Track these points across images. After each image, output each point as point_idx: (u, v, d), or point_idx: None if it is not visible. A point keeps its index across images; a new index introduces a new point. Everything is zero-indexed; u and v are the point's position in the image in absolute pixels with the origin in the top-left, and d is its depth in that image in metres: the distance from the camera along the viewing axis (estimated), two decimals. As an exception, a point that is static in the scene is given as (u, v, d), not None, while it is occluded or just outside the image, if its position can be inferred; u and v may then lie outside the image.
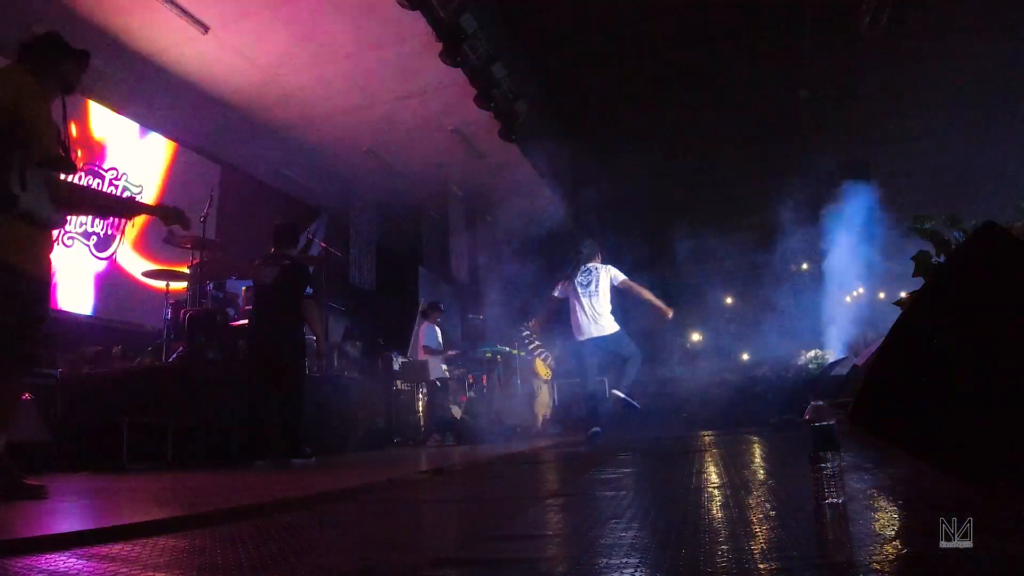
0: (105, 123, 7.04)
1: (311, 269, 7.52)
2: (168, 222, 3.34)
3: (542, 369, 8.52)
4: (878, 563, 1.04)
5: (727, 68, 8.56)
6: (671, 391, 10.20)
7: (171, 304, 5.83)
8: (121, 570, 1.37)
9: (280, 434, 4.83)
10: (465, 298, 11.67)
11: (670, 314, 5.69)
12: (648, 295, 5.67)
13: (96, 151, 6.88)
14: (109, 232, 6.98)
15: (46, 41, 2.81)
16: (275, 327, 4.91)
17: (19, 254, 2.54)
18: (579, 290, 5.70)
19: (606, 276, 5.73)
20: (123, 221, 6.96)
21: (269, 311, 4.94)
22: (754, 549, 1.21)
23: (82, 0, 5.76)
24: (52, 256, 2.81)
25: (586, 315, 5.61)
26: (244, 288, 6.12)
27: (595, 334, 5.58)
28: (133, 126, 7.39)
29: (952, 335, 1.55)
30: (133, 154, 7.34)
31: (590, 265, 5.81)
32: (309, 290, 5.11)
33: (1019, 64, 7.45)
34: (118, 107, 7.23)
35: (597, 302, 5.63)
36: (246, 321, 5.39)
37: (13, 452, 2.85)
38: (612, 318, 5.67)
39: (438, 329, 8.23)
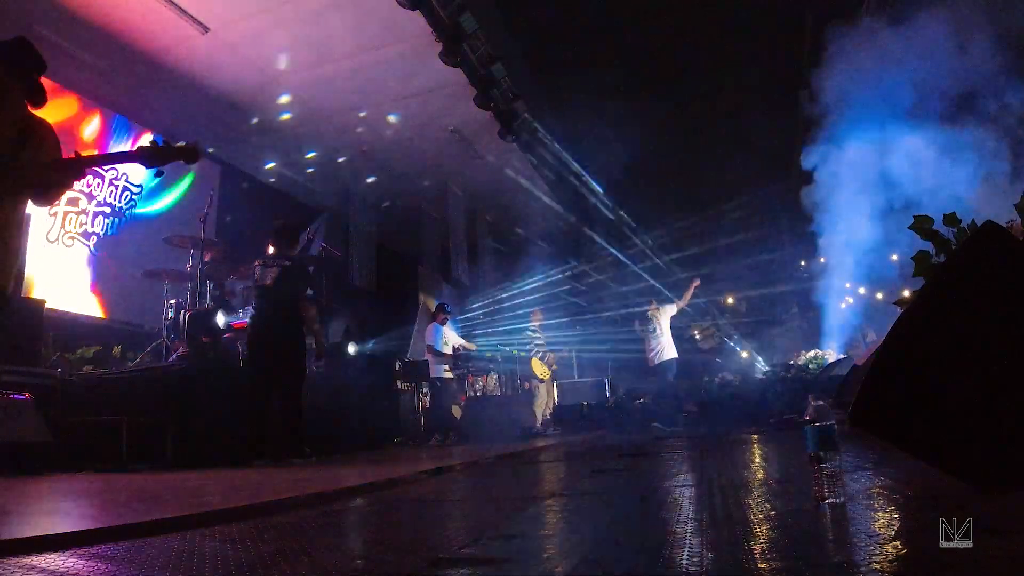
0: (105, 123, 7.05)
1: (311, 269, 7.53)
2: (154, 163, 2.84)
3: (539, 368, 8.53)
4: (878, 563, 1.03)
5: (728, 61, 8.55)
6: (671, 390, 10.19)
7: (171, 304, 5.83)
8: (121, 570, 1.37)
9: (280, 434, 4.83)
10: (465, 298, 11.68)
11: (697, 281, 8.51)
12: (687, 297, 8.51)
13: (96, 152, 6.87)
14: (109, 232, 6.98)
15: None
16: (274, 328, 4.90)
17: None
18: (645, 330, 8.31)
19: (665, 316, 8.22)
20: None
21: (269, 312, 4.93)
22: (754, 549, 1.21)
23: (82, 0, 5.76)
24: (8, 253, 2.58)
25: (652, 349, 8.18)
26: (243, 288, 6.12)
27: (656, 361, 8.12)
28: (133, 126, 7.39)
29: (952, 335, 1.55)
30: (133, 154, 7.34)
31: (649, 314, 8.27)
32: (309, 291, 5.10)
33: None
34: (118, 107, 7.23)
35: (658, 339, 8.11)
36: (246, 321, 5.38)
37: (13, 452, 2.75)
38: (671, 348, 8.12)
39: (444, 330, 8.25)
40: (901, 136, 7.23)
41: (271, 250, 5.21)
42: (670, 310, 8.32)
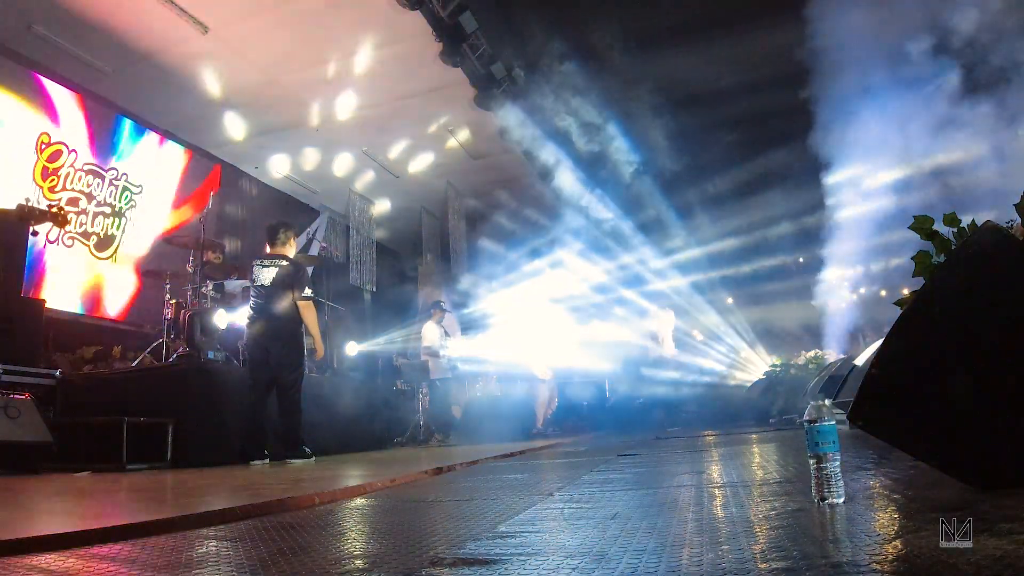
0: (105, 123, 7.04)
1: (310, 269, 7.47)
2: (26, 222, 3.02)
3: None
4: (878, 563, 1.03)
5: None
6: (670, 391, 10.20)
7: (171, 304, 5.83)
8: (121, 570, 1.37)
9: (280, 434, 4.83)
10: (465, 298, 11.68)
11: None
12: None
13: (97, 151, 6.88)
14: (109, 232, 6.98)
15: None
16: (272, 328, 4.89)
17: None
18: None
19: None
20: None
21: (266, 312, 4.92)
22: (754, 549, 1.21)
23: (82, 0, 5.76)
24: None
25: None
26: (243, 288, 6.12)
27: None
28: (133, 126, 7.40)
29: (952, 335, 1.55)
30: (133, 154, 7.34)
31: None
32: (307, 291, 5.08)
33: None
34: (118, 107, 7.23)
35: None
36: (244, 322, 5.38)
37: (13, 452, 2.75)
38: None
39: (441, 329, 8.23)
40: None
41: (268, 250, 5.20)
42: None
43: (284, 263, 5.03)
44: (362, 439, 6.49)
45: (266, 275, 4.96)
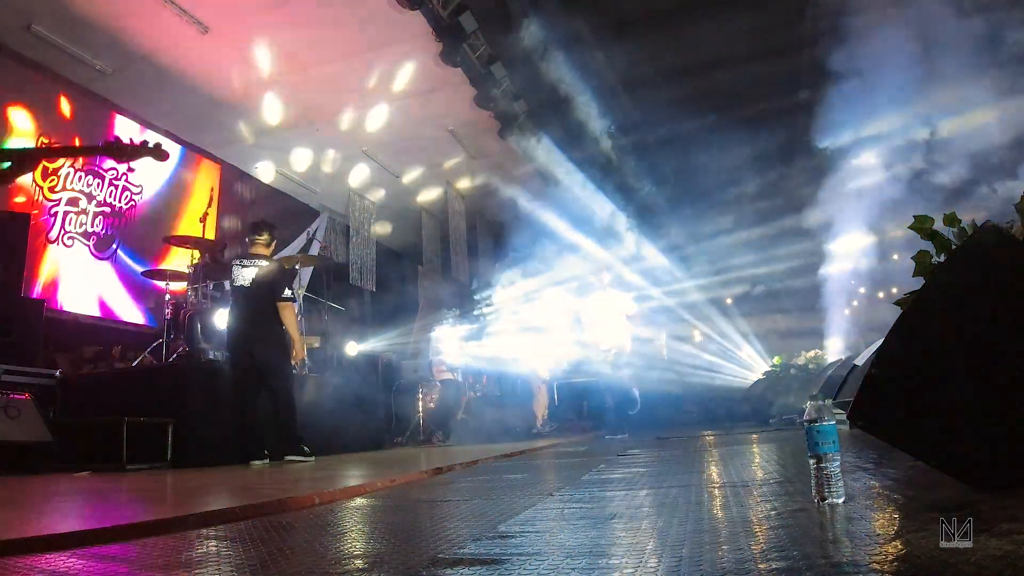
0: (105, 123, 7.04)
1: (309, 270, 7.44)
2: (124, 158, 2.97)
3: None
4: (878, 563, 1.03)
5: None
6: (671, 391, 10.20)
7: (171, 304, 5.83)
8: (121, 570, 1.37)
9: (276, 435, 4.80)
10: (465, 298, 11.69)
11: None
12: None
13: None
14: (109, 232, 6.98)
15: None
16: (252, 329, 4.83)
17: None
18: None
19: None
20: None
21: (246, 313, 4.85)
22: (754, 549, 1.21)
23: (82, 0, 5.76)
24: None
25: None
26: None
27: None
28: (133, 126, 7.39)
29: (952, 335, 1.55)
30: (133, 154, 7.34)
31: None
32: (287, 292, 5.02)
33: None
34: (118, 107, 7.23)
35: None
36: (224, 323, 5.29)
37: (13, 452, 2.76)
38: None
39: (449, 332, 8.27)
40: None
41: (249, 249, 5.15)
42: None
43: (264, 263, 4.96)
44: (362, 439, 6.49)
45: (246, 275, 4.88)
